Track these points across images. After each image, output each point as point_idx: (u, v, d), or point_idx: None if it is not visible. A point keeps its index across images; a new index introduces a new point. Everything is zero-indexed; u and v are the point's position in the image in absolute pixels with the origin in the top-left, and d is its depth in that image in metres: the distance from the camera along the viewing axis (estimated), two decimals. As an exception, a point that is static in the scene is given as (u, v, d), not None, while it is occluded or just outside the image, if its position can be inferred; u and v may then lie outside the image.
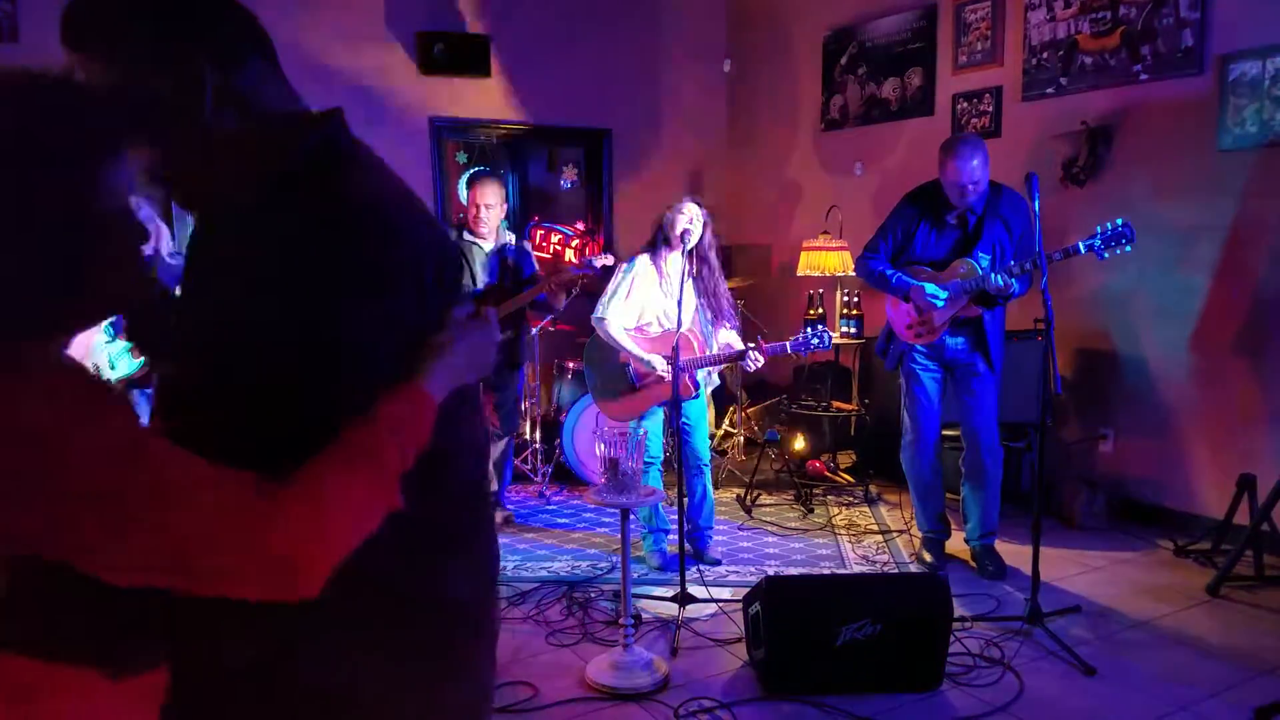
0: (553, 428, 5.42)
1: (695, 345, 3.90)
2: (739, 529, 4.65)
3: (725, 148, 7.01)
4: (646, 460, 3.88)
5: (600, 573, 3.99)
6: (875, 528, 4.64)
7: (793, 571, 4.00)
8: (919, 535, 4.20)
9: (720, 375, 4.33)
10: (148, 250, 3.96)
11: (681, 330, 3.65)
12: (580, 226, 6.75)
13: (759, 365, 3.86)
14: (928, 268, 3.89)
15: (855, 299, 5.43)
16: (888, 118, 5.81)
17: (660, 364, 3.81)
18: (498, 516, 4.43)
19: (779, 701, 2.88)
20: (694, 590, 3.54)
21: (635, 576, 3.80)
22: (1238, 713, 2.79)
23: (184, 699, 1.03)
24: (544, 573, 3.99)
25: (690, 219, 3.81)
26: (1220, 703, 2.87)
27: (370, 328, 1.06)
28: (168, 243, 4.12)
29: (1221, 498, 4.10)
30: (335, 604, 0.94)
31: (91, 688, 0.96)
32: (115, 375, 4.06)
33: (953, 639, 3.04)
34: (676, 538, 3.65)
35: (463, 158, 6.51)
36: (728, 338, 3.99)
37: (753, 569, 4.03)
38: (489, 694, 1.28)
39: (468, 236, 4.40)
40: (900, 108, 5.73)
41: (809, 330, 3.86)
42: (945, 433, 4.14)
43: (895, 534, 4.51)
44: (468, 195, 4.63)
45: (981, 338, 3.88)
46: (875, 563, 4.14)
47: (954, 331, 3.89)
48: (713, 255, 3.94)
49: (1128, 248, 3.52)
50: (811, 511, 4.88)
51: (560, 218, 6.77)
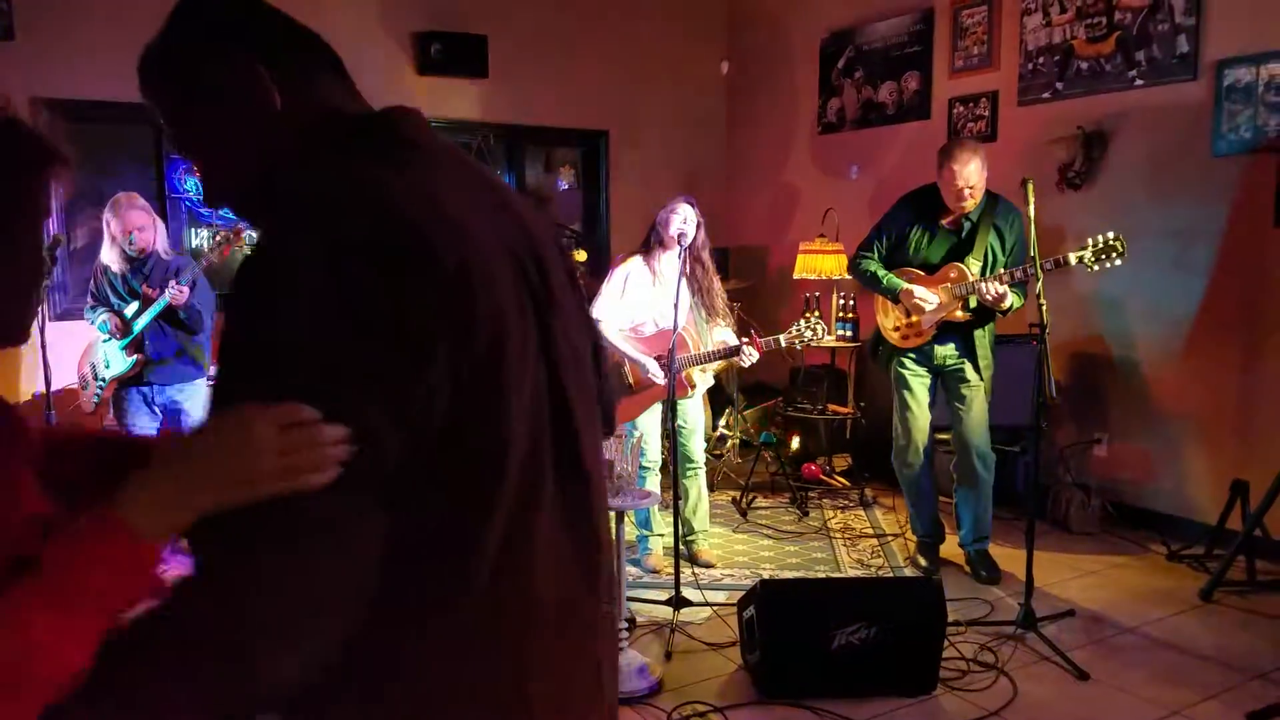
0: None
1: (690, 344, 3.90)
2: (734, 532, 4.65)
3: (722, 150, 7.01)
4: (644, 465, 3.89)
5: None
6: (870, 531, 4.65)
7: (787, 575, 4.00)
8: (913, 539, 4.21)
9: (715, 376, 4.33)
10: (148, 250, 3.93)
11: (677, 330, 3.65)
12: (577, 228, 6.75)
13: (754, 360, 3.88)
14: (919, 271, 3.90)
15: (851, 302, 5.43)
16: (884, 121, 5.81)
17: (654, 367, 3.82)
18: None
19: (773, 706, 2.88)
20: (688, 594, 3.54)
21: (630, 580, 3.80)
22: (1230, 717, 2.80)
23: None
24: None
25: (685, 219, 3.81)
26: (1213, 707, 2.88)
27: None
28: (164, 241, 4.12)
29: (1215, 503, 4.11)
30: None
31: None
32: (110, 373, 4.06)
33: (947, 643, 3.05)
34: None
35: (460, 158, 6.50)
36: (722, 335, 3.99)
37: (747, 572, 4.03)
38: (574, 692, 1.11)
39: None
40: (897, 111, 5.74)
41: (802, 322, 3.90)
42: (938, 436, 4.15)
43: (890, 538, 4.52)
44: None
45: (970, 344, 3.89)
46: (870, 567, 4.15)
47: (942, 337, 3.90)
48: (705, 254, 3.95)
49: (1118, 261, 3.53)
50: (807, 515, 4.88)
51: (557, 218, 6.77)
